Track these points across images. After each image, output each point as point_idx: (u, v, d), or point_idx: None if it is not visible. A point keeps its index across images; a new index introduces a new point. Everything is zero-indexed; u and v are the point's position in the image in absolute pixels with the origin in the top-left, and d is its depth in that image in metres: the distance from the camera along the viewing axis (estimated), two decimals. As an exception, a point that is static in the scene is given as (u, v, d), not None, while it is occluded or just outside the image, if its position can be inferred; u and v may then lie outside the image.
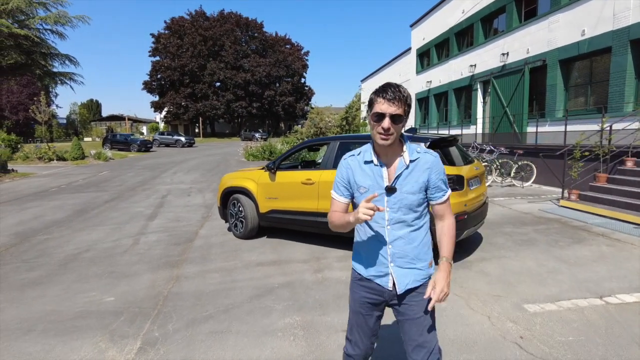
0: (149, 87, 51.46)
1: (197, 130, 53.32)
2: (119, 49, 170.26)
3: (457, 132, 17.19)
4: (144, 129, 56.61)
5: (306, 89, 56.29)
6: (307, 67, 55.11)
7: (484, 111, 16.83)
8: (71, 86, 38.51)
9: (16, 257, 5.14)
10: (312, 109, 22.48)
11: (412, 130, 5.02)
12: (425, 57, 23.30)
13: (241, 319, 3.25)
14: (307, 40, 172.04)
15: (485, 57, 16.26)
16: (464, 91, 18.74)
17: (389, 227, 1.64)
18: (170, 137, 35.98)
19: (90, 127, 53.24)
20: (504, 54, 14.73)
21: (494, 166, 11.00)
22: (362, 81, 36.67)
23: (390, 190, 1.62)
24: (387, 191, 1.62)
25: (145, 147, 29.57)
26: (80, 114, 56.21)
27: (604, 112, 8.90)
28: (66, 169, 18.12)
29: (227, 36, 49.59)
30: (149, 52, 50.64)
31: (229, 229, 6.11)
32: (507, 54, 14.61)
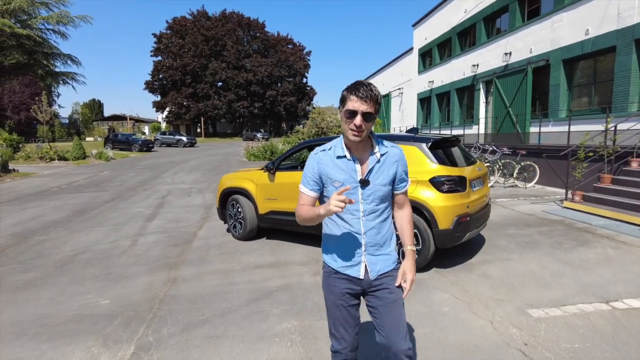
0: (150, 87, 51.47)
1: (199, 130, 53.34)
2: (121, 49, 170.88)
3: (460, 132, 17.08)
4: (146, 129, 56.68)
5: (308, 88, 56.21)
6: (309, 67, 54.99)
7: (486, 111, 16.72)
8: (73, 86, 38.56)
9: (12, 258, 5.09)
10: (314, 108, 22.39)
11: (413, 130, 4.94)
12: (427, 57, 23.20)
13: (237, 323, 3.18)
14: (309, 40, 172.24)
15: (487, 57, 16.15)
16: (466, 91, 18.63)
17: (363, 218, 1.73)
18: (171, 137, 35.97)
19: (92, 126, 53.28)
20: (506, 54, 14.62)
21: (497, 167, 10.90)
22: (364, 81, 36.57)
23: (364, 183, 1.70)
24: (361, 184, 1.70)
25: (146, 147, 29.54)
26: (82, 114, 56.35)
27: (609, 112, 8.79)
28: (67, 168, 18.10)
29: (229, 36, 49.55)
30: (151, 52, 50.71)
31: (228, 230, 6.04)
32: (510, 53, 14.50)
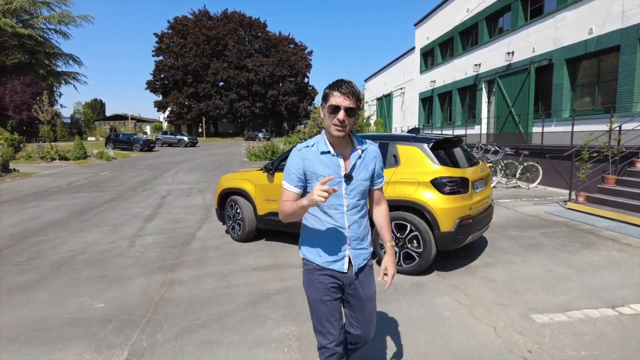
0: (152, 86, 51.49)
1: (200, 129, 53.31)
2: (122, 49, 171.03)
3: (462, 132, 16.97)
4: (147, 129, 56.67)
5: (309, 88, 56.13)
6: (311, 67, 54.93)
7: (488, 111, 16.61)
8: (74, 86, 38.52)
9: (8, 259, 5.03)
10: (315, 108, 22.33)
11: (414, 130, 4.85)
12: (429, 57, 23.08)
13: (234, 328, 3.11)
14: (310, 40, 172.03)
15: (490, 57, 16.04)
16: (468, 91, 18.52)
17: (347, 212, 1.77)
18: (173, 136, 35.97)
19: (94, 126, 53.33)
20: (509, 53, 14.51)
21: (499, 167, 10.81)
22: (366, 80, 36.49)
23: (349, 178, 1.75)
24: (346, 179, 1.74)
25: (148, 146, 29.53)
26: (84, 114, 56.40)
27: (613, 112, 8.68)
28: (68, 168, 18.08)
29: (230, 36, 49.52)
30: (153, 51, 50.72)
31: (227, 231, 5.97)
32: (513, 53, 14.38)
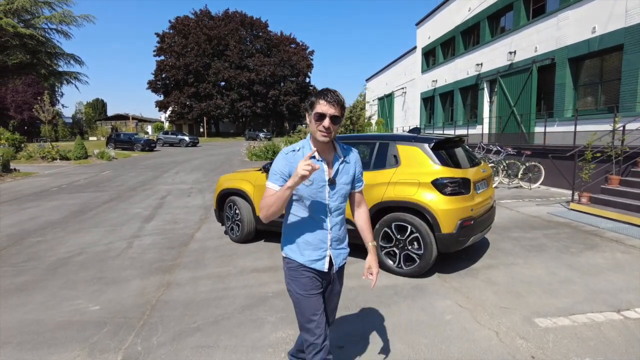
0: (153, 86, 51.51)
1: (201, 129, 53.30)
2: (124, 49, 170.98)
3: (463, 132, 16.87)
4: (149, 129, 56.71)
5: (311, 88, 56.01)
6: (312, 67, 54.83)
7: (490, 111, 16.52)
8: (76, 85, 38.44)
9: (5, 260, 4.98)
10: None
11: (415, 130, 4.79)
12: (430, 56, 22.99)
13: (231, 331, 3.05)
14: (312, 39, 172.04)
15: (492, 56, 15.95)
16: (470, 90, 18.43)
17: (330, 215, 1.86)
18: (174, 136, 35.98)
19: (95, 126, 53.49)
20: (511, 53, 14.42)
21: (501, 167, 10.72)
22: (367, 80, 36.40)
23: (332, 182, 1.84)
24: (329, 184, 1.83)
25: (149, 146, 29.52)
26: (85, 113, 56.56)
27: (616, 112, 8.59)
28: (69, 168, 18.06)
29: (231, 35, 49.49)
30: (154, 51, 50.68)
31: (226, 232, 5.92)
32: (515, 52, 14.29)
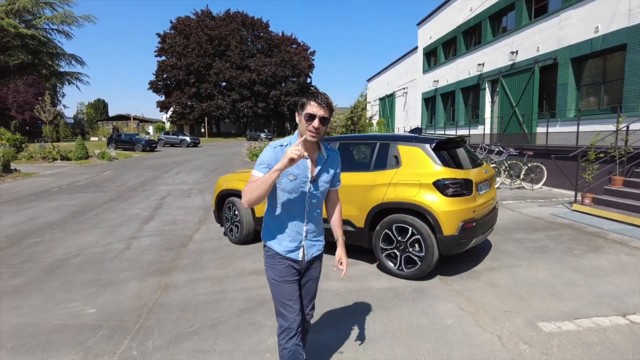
0: (155, 86, 51.52)
1: (202, 130, 53.30)
2: (126, 49, 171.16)
3: (465, 132, 16.80)
4: (150, 129, 56.70)
5: (312, 89, 55.91)
6: (313, 67, 54.73)
7: (492, 111, 16.43)
8: (77, 86, 38.57)
9: (1, 262, 4.93)
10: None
11: (416, 130, 4.74)
12: (432, 56, 22.92)
13: (228, 335, 2.99)
14: (313, 40, 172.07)
15: (493, 56, 15.86)
16: (471, 91, 18.34)
17: (307, 209, 2.01)
18: (175, 137, 35.96)
19: (97, 126, 53.54)
20: (513, 53, 14.33)
21: (503, 168, 10.64)
22: (369, 80, 36.34)
23: (315, 180, 1.97)
24: (312, 181, 1.96)
25: (150, 146, 29.50)
26: (87, 114, 56.64)
27: (619, 112, 8.51)
28: (69, 168, 18.04)
29: (232, 36, 49.47)
30: (155, 51, 50.67)
31: (225, 233, 5.87)
32: (517, 52, 14.21)
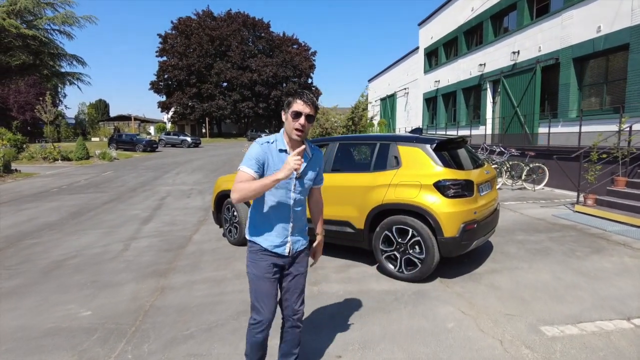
0: (156, 87, 51.59)
1: (203, 130, 53.32)
2: (127, 49, 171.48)
3: (466, 132, 16.73)
4: (151, 129, 56.75)
5: (313, 89, 55.94)
6: (314, 68, 54.78)
7: (493, 111, 16.35)
8: (78, 86, 38.65)
9: (-2, 263, 4.91)
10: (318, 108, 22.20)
11: (417, 130, 4.69)
12: (433, 57, 22.85)
13: (224, 339, 2.94)
14: (314, 40, 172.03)
15: (495, 56, 15.79)
16: (473, 91, 18.26)
17: (293, 206, 2.07)
18: (176, 137, 35.99)
19: (98, 127, 53.56)
20: (514, 53, 14.26)
21: (504, 168, 10.58)
22: (370, 81, 36.27)
23: (300, 177, 2.05)
24: (297, 178, 2.03)
25: (151, 147, 29.51)
26: (88, 114, 56.68)
27: (622, 112, 8.44)
28: (70, 169, 18.04)
29: (234, 36, 49.51)
30: (156, 52, 50.77)
31: (224, 234, 5.82)
32: (518, 52, 14.14)
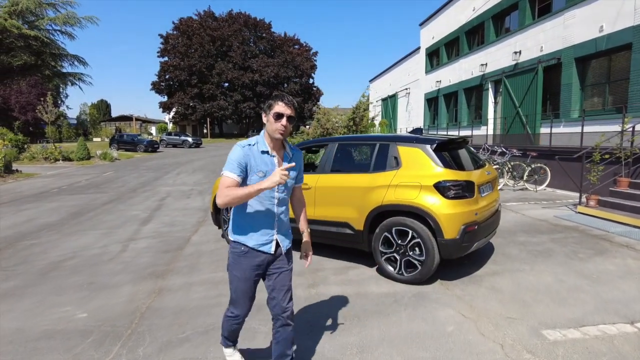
0: (157, 87, 51.64)
1: (205, 130, 53.34)
2: (128, 50, 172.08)
3: (467, 133, 16.68)
4: (152, 130, 56.84)
5: (314, 89, 55.92)
6: (316, 68, 54.74)
7: (495, 112, 16.29)
8: (80, 87, 38.78)
9: (-4, 264, 4.88)
10: (319, 109, 22.08)
11: (417, 130, 4.64)
12: (434, 57, 22.79)
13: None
14: (315, 40, 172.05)
15: (496, 56, 15.73)
16: (474, 91, 18.20)
17: (277, 204, 2.17)
18: (177, 137, 36.02)
19: (99, 127, 53.65)
20: (516, 53, 14.20)
21: (506, 169, 10.51)
22: (371, 81, 36.23)
23: None
24: None
25: (152, 147, 29.51)
26: (90, 115, 56.80)
27: (625, 112, 8.37)
28: (71, 169, 18.04)
29: (235, 36, 49.53)
30: (158, 52, 50.87)
31: (223, 235, 5.78)
32: (520, 52, 14.08)
